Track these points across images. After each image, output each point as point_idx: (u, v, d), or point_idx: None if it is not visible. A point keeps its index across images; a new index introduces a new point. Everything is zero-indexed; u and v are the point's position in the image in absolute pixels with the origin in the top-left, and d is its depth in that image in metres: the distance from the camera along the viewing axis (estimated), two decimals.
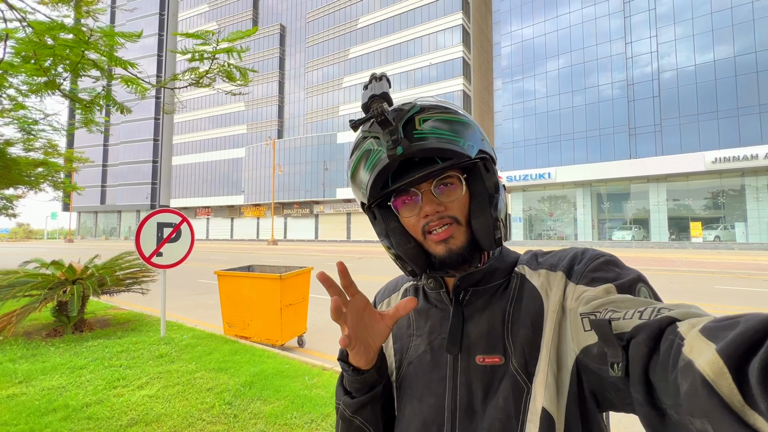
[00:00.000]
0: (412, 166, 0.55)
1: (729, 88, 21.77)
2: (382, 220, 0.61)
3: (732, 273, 10.81)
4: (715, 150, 21.54)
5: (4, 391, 2.98)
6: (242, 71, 2.56)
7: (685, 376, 0.31)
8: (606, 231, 26.75)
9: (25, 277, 4.57)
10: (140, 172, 55.22)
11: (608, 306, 0.45)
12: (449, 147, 0.53)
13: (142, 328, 5.02)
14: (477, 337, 0.57)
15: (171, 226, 4.70)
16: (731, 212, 22.58)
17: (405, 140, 0.52)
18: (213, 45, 2.31)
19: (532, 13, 29.37)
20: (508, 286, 0.60)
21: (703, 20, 22.82)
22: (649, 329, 0.37)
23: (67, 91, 2.28)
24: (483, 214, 0.57)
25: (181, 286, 9.12)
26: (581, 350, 0.47)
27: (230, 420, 2.58)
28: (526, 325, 0.54)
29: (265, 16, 50.31)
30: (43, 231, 79.92)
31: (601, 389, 0.47)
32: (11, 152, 9.19)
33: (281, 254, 20.95)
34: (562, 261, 0.58)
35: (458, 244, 0.57)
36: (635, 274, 0.50)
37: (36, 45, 1.91)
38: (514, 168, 28.90)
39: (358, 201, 0.62)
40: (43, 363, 3.61)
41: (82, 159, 12.17)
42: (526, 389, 0.51)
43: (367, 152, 0.55)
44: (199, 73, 2.44)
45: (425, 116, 0.54)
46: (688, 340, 0.32)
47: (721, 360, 0.28)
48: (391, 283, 0.77)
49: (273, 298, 4.50)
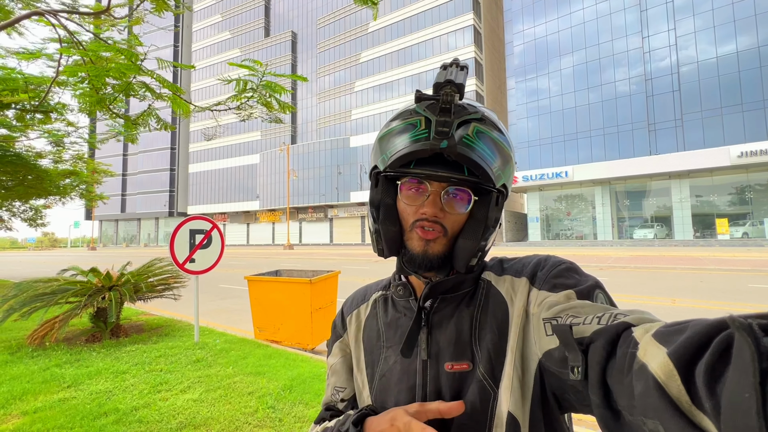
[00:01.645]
0: (441, 160, 0.55)
1: (754, 80, 21.08)
2: (381, 190, 0.60)
3: (765, 271, 10.41)
4: (740, 144, 20.86)
5: (55, 395, 3.08)
6: (282, 104, 2.61)
7: (639, 379, 0.32)
8: (626, 230, 26.15)
9: (65, 285, 4.72)
10: (158, 180, 56.64)
11: (569, 311, 0.46)
12: (484, 168, 0.53)
13: (175, 333, 5.12)
14: (446, 345, 0.57)
15: (202, 233, 4.79)
16: (759, 208, 21.80)
17: (452, 138, 0.52)
18: (259, 76, 2.36)
19: (545, 11, 29.07)
20: (476, 293, 0.60)
21: (723, 11, 22.19)
22: (606, 334, 0.39)
23: (115, 110, 2.37)
24: (472, 238, 0.57)
25: (204, 292, 9.28)
26: (543, 354, 0.48)
27: (276, 424, 2.61)
28: (493, 330, 0.55)
29: (276, 23, 51.17)
30: (66, 239, 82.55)
31: (561, 391, 0.48)
32: (41, 164, 9.57)
33: (298, 258, 21.13)
34: (526, 267, 0.59)
35: (435, 251, 0.57)
36: (593, 281, 0.52)
37: (91, 68, 1.99)
38: (529, 167, 28.55)
39: (371, 163, 0.62)
40: (87, 368, 3.71)
41: (108, 172, 12.57)
42: (493, 394, 0.52)
43: (411, 126, 0.55)
44: (239, 99, 2.50)
45: (481, 128, 0.54)
46: (642, 344, 0.34)
47: (671, 363, 0.29)
48: (359, 293, 0.75)
49: (303, 302, 4.54)
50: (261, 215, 48.59)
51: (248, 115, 2.67)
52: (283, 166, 43.47)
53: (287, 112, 2.68)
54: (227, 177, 51.71)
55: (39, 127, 7.10)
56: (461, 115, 0.53)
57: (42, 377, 3.49)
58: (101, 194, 12.82)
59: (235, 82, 2.42)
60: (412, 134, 0.54)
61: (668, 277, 9.87)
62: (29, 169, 8.75)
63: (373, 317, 0.69)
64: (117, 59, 2.04)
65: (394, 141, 0.56)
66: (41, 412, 2.79)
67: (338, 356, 0.71)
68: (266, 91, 2.50)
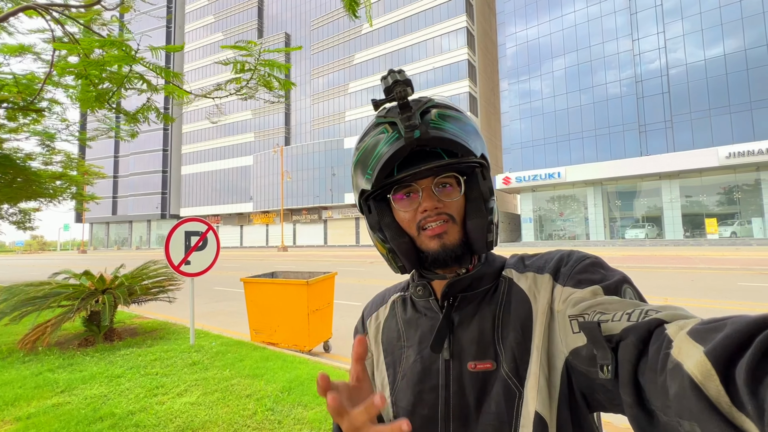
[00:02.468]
0: (418, 158, 0.56)
1: (741, 82, 21.50)
2: (377, 213, 0.61)
3: (754, 270, 10.60)
4: (728, 145, 21.25)
5: (49, 401, 3.03)
6: (282, 81, 2.60)
7: (674, 379, 0.31)
8: (618, 230, 26.46)
9: (58, 288, 4.65)
10: (150, 182, 56.01)
11: (596, 308, 0.45)
12: (460, 142, 0.54)
13: (169, 336, 5.06)
14: (468, 344, 0.56)
15: (198, 235, 4.75)
16: (747, 207, 22.20)
17: (422, 125, 0.53)
18: (255, 56, 2.35)
19: (537, 14, 29.38)
20: (497, 290, 0.59)
21: (711, 14, 22.62)
22: (637, 331, 0.38)
23: (114, 105, 2.34)
24: (479, 215, 0.57)
25: (198, 295, 9.20)
26: (570, 352, 0.47)
27: (275, 426, 2.59)
28: (516, 329, 0.54)
29: (269, 25, 50.99)
30: (56, 243, 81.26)
31: (590, 391, 0.47)
32: (31, 166, 9.41)
33: (293, 260, 21.04)
34: (548, 263, 0.58)
35: (452, 240, 0.57)
36: (620, 275, 0.51)
37: (88, 62, 1.97)
38: (522, 168, 28.79)
39: (357, 192, 0.61)
40: (81, 372, 3.66)
41: (99, 174, 12.41)
42: (518, 394, 0.51)
43: (380, 137, 0.56)
44: (239, 81, 2.48)
45: (441, 111, 0.56)
46: (677, 343, 0.33)
47: (708, 362, 0.28)
48: (378, 297, 0.76)
49: (300, 304, 4.52)
50: (254, 217, 48.30)
51: (250, 96, 2.66)
52: (277, 168, 43.28)
53: (290, 88, 2.67)
54: (220, 179, 51.33)
55: (29, 128, 6.99)
56: (419, 106, 0.55)
57: (34, 382, 3.43)
58: (92, 195, 12.64)
59: (233, 64, 2.40)
60: (384, 141, 0.55)
61: (660, 277, 10.00)
62: (18, 171, 8.60)
63: (393, 318, 0.68)
64: (110, 51, 2.02)
65: (371, 155, 0.56)
66: (35, 417, 2.74)
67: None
68: (265, 69, 2.49)
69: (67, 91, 2.66)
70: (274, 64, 2.46)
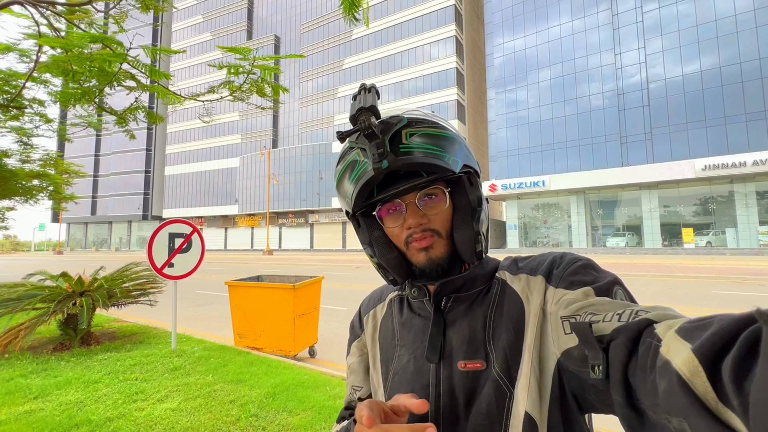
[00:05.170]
0: (398, 177, 0.56)
1: (716, 98, 22.43)
2: (366, 228, 0.62)
3: (728, 278, 11.00)
4: (704, 157, 22.09)
5: (21, 407, 2.91)
6: (275, 87, 2.59)
7: (663, 376, 0.31)
8: (599, 238, 27.08)
9: (33, 290, 4.48)
10: (132, 182, 54.63)
11: (588, 309, 0.46)
12: (434, 162, 0.53)
13: (150, 341, 4.93)
14: (458, 343, 0.57)
15: (182, 237, 4.66)
16: (721, 218, 23.06)
17: (391, 154, 0.53)
18: (250, 61, 2.34)
19: (524, 25, 30.06)
20: (489, 291, 0.60)
21: (688, 32, 23.57)
22: (628, 331, 0.38)
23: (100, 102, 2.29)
24: (465, 227, 0.57)
25: (180, 298, 8.99)
26: (562, 353, 0.47)
27: None
28: (508, 329, 0.54)
29: (259, 27, 50.70)
30: (30, 243, 78.27)
31: (581, 391, 0.47)
32: (7, 163, 9.06)
33: (278, 264, 20.79)
34: (541, 265, 0.58)
35: (438, 254, 0.58)
36: (611, 277, 0.51)
37: (75, 57, 1.93)
38: (508, 176, 29.24)
39: (343, 209, 0.63)
40: (55, 378, 3.53)
41: (81, 173, 12.03)
42: (509, 394, 0.51)
43: (353, 163, 0.56)
44: (231, 87, 2.46)
45: (412, 130, 0.55)
46: (665, 341, 0.33)
47: (696, 359, 0.29)
48: (375, 293, 0.77)
49: (286, 308, 4.47)
50: (239, 220, 47.58)
51: (242, 99, 2.64)
52: (264, 171, 42.83)
53: (280, 95, 2.65)
54: (205, 180, 50.43)
55: (4, 124, 6.75)
56: (389, 130, 0.54)
57: (5, 388, 3.29)
58: (71, 194, 12.23)
59: (227, 68, 2.38)
60: (356, 170, 0.56)
61: (640, 284, 10.26)
62: None
63: (389, 317, 0.69)
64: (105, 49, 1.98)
65: (347, 183, 0.57)
66: (6, 425, 2.63)
67: (356, 356, 0.72)
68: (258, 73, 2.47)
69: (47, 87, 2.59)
70: (267, 69, 2.45)
